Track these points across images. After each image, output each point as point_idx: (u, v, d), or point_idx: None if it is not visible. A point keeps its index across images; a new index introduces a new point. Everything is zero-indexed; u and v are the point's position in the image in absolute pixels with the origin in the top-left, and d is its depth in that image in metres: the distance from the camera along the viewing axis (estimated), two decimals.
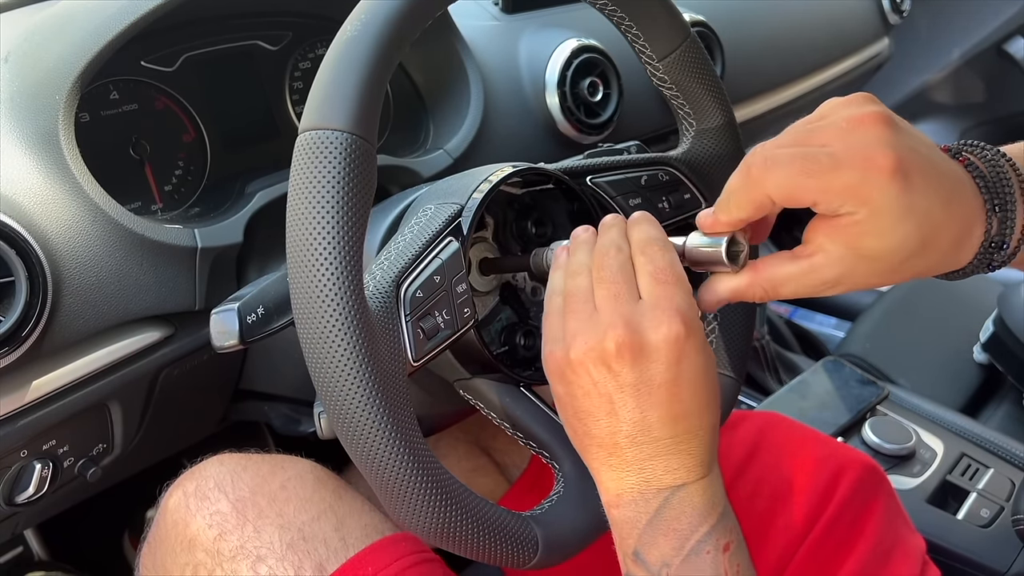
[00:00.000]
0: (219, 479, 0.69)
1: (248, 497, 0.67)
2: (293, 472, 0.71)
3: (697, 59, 0.67)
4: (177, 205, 0.80)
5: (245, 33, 0.85)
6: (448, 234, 0.57)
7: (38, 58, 0.70)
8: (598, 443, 0.50)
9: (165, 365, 0.75)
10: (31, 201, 0.64)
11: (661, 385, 0.48)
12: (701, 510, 0.48)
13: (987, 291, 1.40)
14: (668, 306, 0.49)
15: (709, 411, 0.49)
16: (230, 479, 0.69)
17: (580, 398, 0.50)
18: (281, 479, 0.69)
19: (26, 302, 0.61)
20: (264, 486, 0.69)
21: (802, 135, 0.48)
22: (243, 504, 0.67)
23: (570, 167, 0.67)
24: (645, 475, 0.49)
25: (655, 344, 0.48)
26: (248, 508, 0.67)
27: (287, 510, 0.67)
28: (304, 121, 0.47)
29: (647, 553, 0.49)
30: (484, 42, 0.97)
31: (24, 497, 0.71)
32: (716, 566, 0.47)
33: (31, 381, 0.65)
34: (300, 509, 0.67)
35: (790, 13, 1.43)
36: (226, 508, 0.67)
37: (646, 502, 0.49)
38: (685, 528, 0.48)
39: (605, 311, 0.50)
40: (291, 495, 0.68)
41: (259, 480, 0.69)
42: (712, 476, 0.49)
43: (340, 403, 0.47)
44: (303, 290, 0.46)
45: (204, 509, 0.67)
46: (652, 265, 0.51)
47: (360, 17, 0.49)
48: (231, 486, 0.68)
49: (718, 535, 0.48)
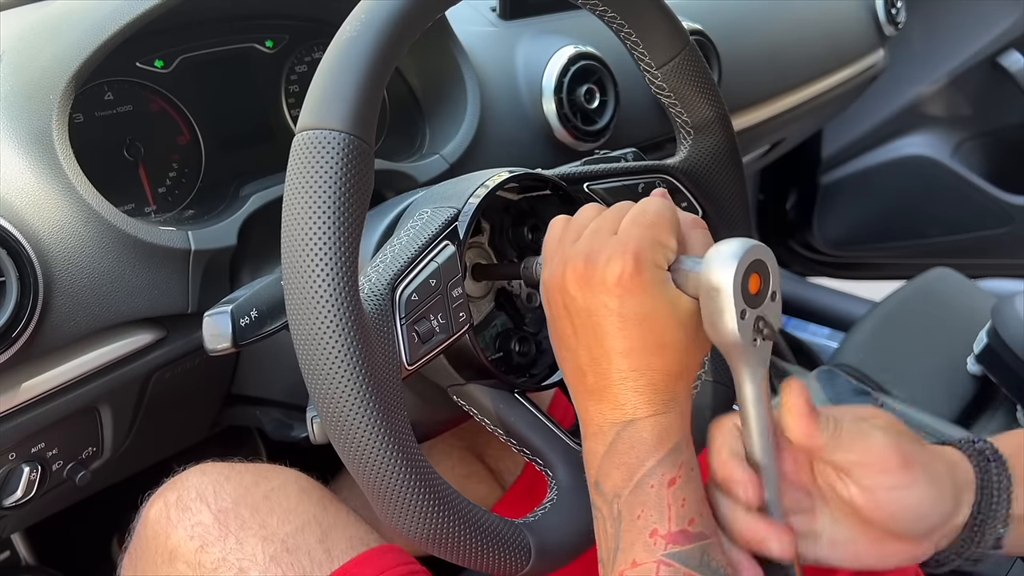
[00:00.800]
0: (201, 489, 0.68)
1: (230, 508, 0.66)
2: (277, 482, 0.70)
3: (696, 67, 0.67)
4: (171, 207, 0.80)
5: (241, 36, 0.85)
6: (444, 238, 0.56)
7: (33, 58, 0.70)
8: (571, 366, 0.53)
9: (156, 368, 0.74)
10: (23, 201, 0.64)
11: (607, 318, 0.50)
12: (649, 445, 0.49)
13: (981, 302, 1.40)
14: (626, 242, 0.50)
15: (663, 354, 0.50)
16: (212, 489, 0.68)
17: (554, 320, 0.54)
18: (264, 489, 0.68)
19: (16, 303, 0.60)
20: (247, 496, 0.67)
21: None
22: (225, 515, 0.66)
23: (567, 173, 0.67)
24: (602, 406, 0.51)
25: (601, 277, 0.50)
26: (230, 519, 0.66)
27: (270, 521, 0.66)
28: (302, 121, 0.47)
29: (604, 483, 0.51)
30: (481, 48, 0.97)
31: (12, 500, 0.70)
32: (660, 499, 0.48)
33: (21, 383, 0.65)
34: (284, 520, 0.66)
35: (786, 23, 1.43)
36: (208, 519, 0.66)
37: (603, 434, 0.51)
38: (633, 461, 0.50)
39: (581, 242, 0.52)
40: (275, 506, 0.67)
41: (242, 490, 0.68)
42: (666, 415, 0.50)
43: (334, 406, 0.47)
44: (298, 290, 0.46)
45: (185, 520, 0.66)
46: (640, 208, 0.53)
47: (360, 17, 0.49)
48: (213, 496, 0.67)
49: (664, 469, 0.49)
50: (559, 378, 0.66)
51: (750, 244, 0.48)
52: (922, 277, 1.48)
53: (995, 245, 1.93)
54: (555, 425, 0.60)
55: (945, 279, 1.48)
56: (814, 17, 1.49)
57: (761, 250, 0.49)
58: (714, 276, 0.48)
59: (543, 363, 0.68)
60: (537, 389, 0.64)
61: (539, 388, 0.65)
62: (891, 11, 1.63)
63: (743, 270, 0.47)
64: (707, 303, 0.48)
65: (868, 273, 2.16)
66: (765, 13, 1.39)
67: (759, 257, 0.48)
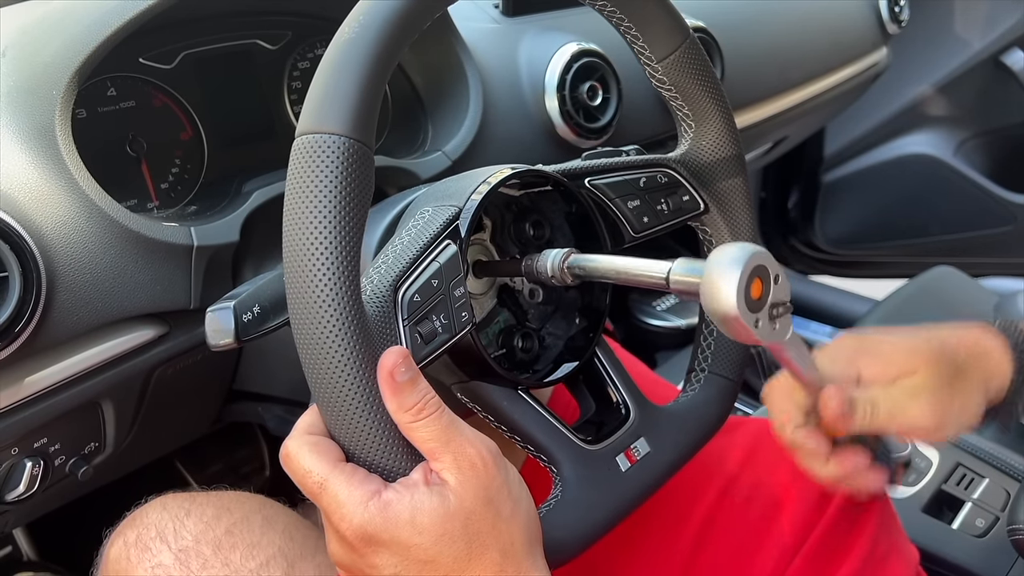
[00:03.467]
0: (160, 527, 0.66)
1: (191, 546, 0.65)
2: (240, 515, 0.68)
3: (697, 61, 0.67)
4: (173, 203, 0.80)
5: (244, 32, 0.85)
6: (446, 237, 0.56)
7: (35, 53, 0.70)
8: None
9: (159, 364, 0.74)
10: (26, 197, 0.64)
11: None
12: None
13: (983, 301, 1.40)
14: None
15: None
16: (172, 527, 0.66)
17: None
18: (227, 523, 0.67)
19: (20, 298, 0.60)
20: (208, 532, 0.66)
21: None
22: (186, 555, 0.64)
23: (569, 169, 0.67)
24: None
25: None
26: (191, 559, 0.64)
27: (233, 558, 0.64)
28: (301, 125, 0.47)
29: None
30: (484, 44, 0.97)
31: (14, 495, 0.70)
32: None
33: (24, 378, 0.65)
34: (247, 556, 0.65)
35: (790, 21, 1.43)
36: (168, 560, 0.64)
37: None
38: None
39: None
40: (237, 541, 0.66)
41: (203, 526, 0.66)
42: None
43: (338, 410, 0.47)
44: (300, 297, 0.46)
45: (145, 561, 0.64)
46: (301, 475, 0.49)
47: (358, 19, 0.48)
48: (173, 535, 0.66)
49: None
50: (563, 374, 0.66)
51: (750, 252, 0.47)
52: (924, 276, 1.48)
53: (997, 244, 1.93)
54: (559, 422, 0.60)
55: (947, 277, 1.48)
56: (817, 15, 1.49)
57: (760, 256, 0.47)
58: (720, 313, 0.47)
59: (546, 358, 0.68)
60: (541, 386, 0.64)
61: (543, 384, 0.65)
62: (894, 9, 1.62)
63: (743, 296, 0.47)
64: (723, 329, 0.49)
65: (870, 271, 2.16)
66: (768, 11, 1.39)
67: (753, 270, 0.47)
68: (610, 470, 0.60)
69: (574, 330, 0.69)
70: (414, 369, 0.48)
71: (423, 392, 0.48)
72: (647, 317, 1.59)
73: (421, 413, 0.47)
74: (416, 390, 0.47)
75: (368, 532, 0.46)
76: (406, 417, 0.47)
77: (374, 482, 0.47)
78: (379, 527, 0.45)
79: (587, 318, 0.69)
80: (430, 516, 0.46)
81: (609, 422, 0.64)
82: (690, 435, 0.66)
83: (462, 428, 0.49)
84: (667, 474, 0.64)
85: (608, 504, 0.59)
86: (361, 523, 0.45)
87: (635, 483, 0.61)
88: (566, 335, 0.69)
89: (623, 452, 0.62)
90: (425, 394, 0.48)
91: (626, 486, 0.61)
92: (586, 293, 0.69)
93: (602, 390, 0.66)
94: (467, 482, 0.47)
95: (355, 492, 0.46)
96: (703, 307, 0.49)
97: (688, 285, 0.51)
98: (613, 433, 0.62)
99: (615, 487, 0.60)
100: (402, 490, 0.46)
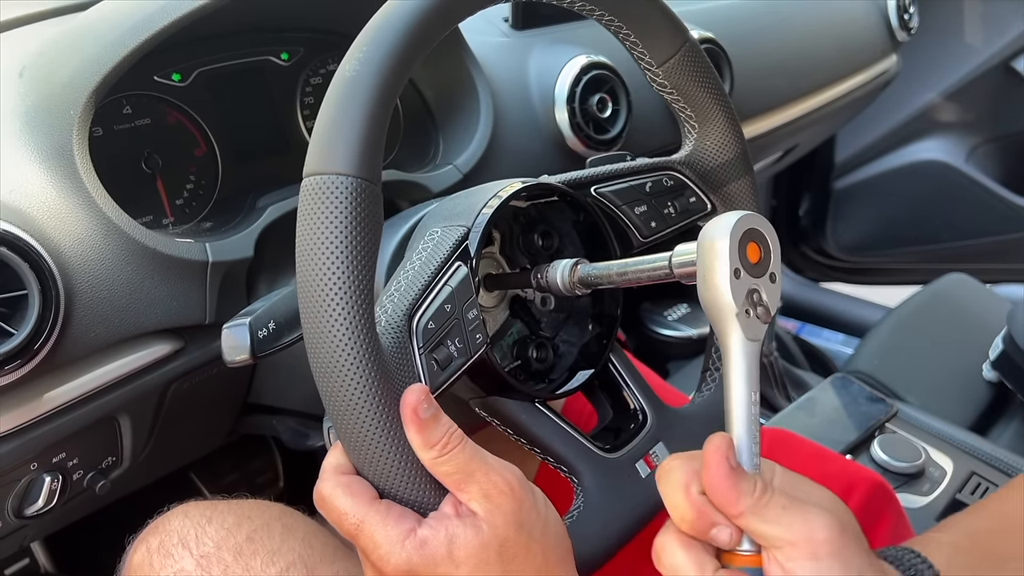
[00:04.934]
0: (183, 534, 0.67)
1: (213, 553, 0.66)
2: (260, 522, 0.69)
3: (697, 63, 0.67)
4: (188, 219, 0.81)
5: (257, 49, 0.86)
6: (456, 259, 0.57)
7: (53, 73, 0.71)
8: None
9: (175, 378, 0.75)
10: (45, 215, 0.65)
11: None
12: None
13: (996, 308, 1.40)
14: None
15: None
16: (194, 533, 0.67)
17: None
18: (247, 530, 0.68)
19: (39, 315, 0.61)
20: (229, 539, 0.67)
21: None
22: (207, 560, 0.65)
23: (575, 179, 0.67)
24: None
25: None
26: (213, 565, 0.65)
27: (254, 564, 0.65)
28: (308, 165, 0.47)
29: None
30: (494, 58, 0.97)
31: (33, 510, 0.71)
32: None
33: (43, 394, 0.65)
34: (267, 562, 0.66)
35: (798, 30, 1.43)
36: (190, 566, 0.65)
37: None
38: None
39: None
40: (258, 548, 0.66)
41: (224, 533, 0.67)
42: None
43: (364, 450, 0.48)
44: (318, 337, 0.46)
45: (168, 567, 0.65)
46: None
47: (358, 56, 0.49)
48: (195, 541, 0.66)
49: None
50: (578, 383, 0.66)
51: (749, 213, 0.48)
52: (937, 283, 1.48)
53: (1010, 250, 1.92)
54: (577, 431, 0.61)
55: (960, 284, 1.48)
56: (826, 24, 1.49)
57: (759, 220, 0.48)
58: (708, 233, 0.48)
59: (561, 367, 0.69)
60: (557, 397, 0.65)
61: (559, 396, 0.65)
62: (903, 16, 1.62)
63: (739, 230, 0.47)
64: (701, 265, 0.48)
65: (882, 279, 2.16)
66: (776, 20, 1.40)
67: (756, 225, 0.48)
68: (630, 477, 0.61)
69: (588, 337, 0.69)
70: (435, 405, 0.49)
71: (446, 427, 0.49)
72: (658, 327, 1.59)
73: (446, 448, 0.48)
74: (439, 426, 0.49)
75: (408, 570, 0.47)
76: (432, 453, 0.48)
77: (408, 520, 0.48)
78: (418, 565, 0.47)
79: (600, 324, 0.69)
80: (466, 548, 0.47)
81: (626, 428, 0.64)
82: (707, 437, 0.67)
83: (485, 457, 0.50)
84: None
85: (630, 511, 0.60)
86: (399, 562, 0.47)
87: (655, 489, 0.61)
88: (580, 342, 0.70)
89: (642, 458, 0.62)
90: (448, 428, 0.49)
91: (647, 492, 0.61)
92: (598, 299, 0.70)
93: (618, 396, 0.67)
94: (496, 510, 0.48)
95: (391, 532, 0.47)
96: (696, 276, 0.49)
97: (687, 262, 0.51)
98: (631, 440, 0.63)
99: (636, 494, 0.60)
100: (436, 525, 0.48)
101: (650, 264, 0.55)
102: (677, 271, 0.53)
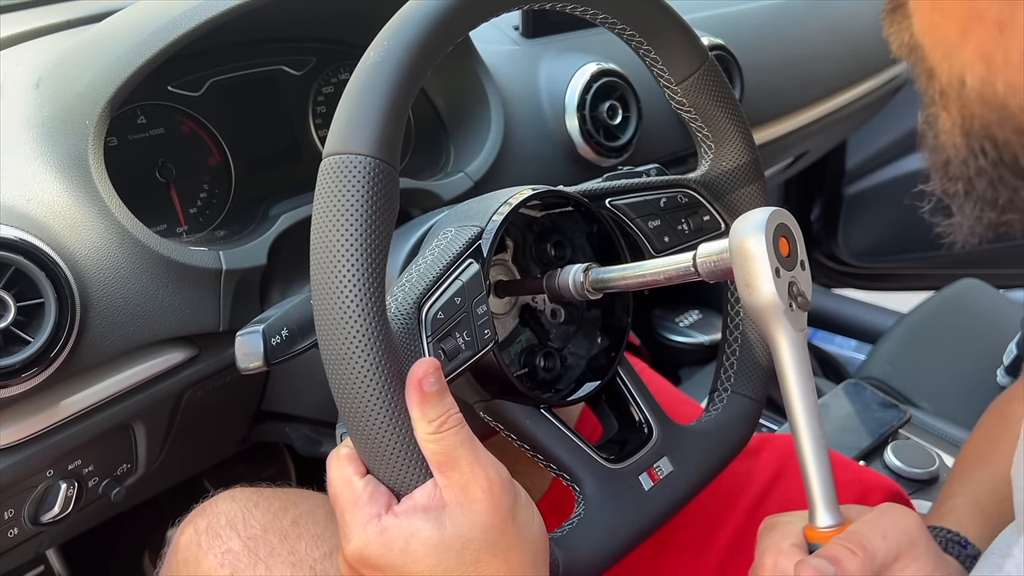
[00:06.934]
0: (231, 516, 0.69)
1: (260, 535, 0.67)
2: (305, 507, 0.70)
3: (715, 82, 0.67)
4: (202, 227, 0.82)
5: (270, 58, 0.86)
6: (468, 256, 0.57)
7: (69, 84, 0.72)
8: None
9: (189, 386, 0.76)
10: (61, 224, 0.66)
11: None
12: None
13: (1010, 313, 1.39)
14: None
15: None
16: (242, 516, 0.69)
17: None
18: (293, 515, 0.69)
19: (55, 323, 0.62)
20: (275, 523, 0.68)
21: None
22: (255, 542, 0.67)
23: (589, 190, 0.67)
24: None
25: None
26: (260, 546, 0.66)
27: (299, 547, 0.67)
28: (328, 146, 0.48)
29: None
30: (504, 66, 0.98)
31: (49, 517, 0.71)
32: None
33: (59, 401, 0.66)
34: (312, 546, 0.67)
35: (809, 36, 1.43)
36: (238, 547, 0.66)
37: None
38: None
39: None
40: (303, 532, 0.68)
41: (270, 516, 0.69)
42: None
43: (363, 424, 0.48)
44: (327, 312, 0.47)
45: (216, 547, 0.67)
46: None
47: (383, 43, 0.50)
48: (243, 523, 0.68)
49: None
50: (585, 393, 0.66)
51: (775, 208, 0.50)
52: (950, 288, 1.47)
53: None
54: (581, 440, 0.61)
55: (973, 290, 1.47)
56: (836, 30, 1.49)
57: (784, 215, 0.50)
58: (745, 239, 0.49)
59: (568, 378, 0.69)
60: (563, 404, 0.65)
61: (565, 403, 0.65)
62: None
63: (772, 230, 0.48)
64: (741, 268, 0.49)
65: (895, 284, 2.14)
66: (787, 27, 1.39)
67: (784, 221, 0.50)
68: (633, 489, 0.61)
69: (596, 349, 0.69)
70: (443, 383, 0.49)
71: (447, 406, 0.49)
72: (670, 333, 1.58)
73: (442, 426, 0.48)
74: (441, 403, 0.48)
75: (364, 555, 0.47)
76: (426, 427, 0.48)
77: (377, 503, 0.48)
78: (374, 551, 0.47)
79: (609, 337, 0.69)
80: (424, 544, 0.47)
81: (632, 441, 0.64)
82: (713, 455, 0.66)
83: (476, 449, 0.49)
84: (690, 494, 0.64)
85: (631, 523, 0.59)
86: (357, 544, 0.47)
87: (658, 502, 0.61)
88: (588, 354, 0.70)
89: (646, 471, 0.62)
90: (448, 408, 0.49)
91: (649, 505, 0.61)
92: (607, 312, 0.70)
93: (625, 409, 0.67)
94: (467, 508, 0.48)
95: (357, 513, 0.47)
96: (735, 278, 0.50)
97: (717, 261, 0.52)
98: (636, 452, 0.63)
99: (638, 506, 0.60)
100: (402, 515, 0.48)
101: (672, 266, 0.55)
102: (703, 270, 0.53)
